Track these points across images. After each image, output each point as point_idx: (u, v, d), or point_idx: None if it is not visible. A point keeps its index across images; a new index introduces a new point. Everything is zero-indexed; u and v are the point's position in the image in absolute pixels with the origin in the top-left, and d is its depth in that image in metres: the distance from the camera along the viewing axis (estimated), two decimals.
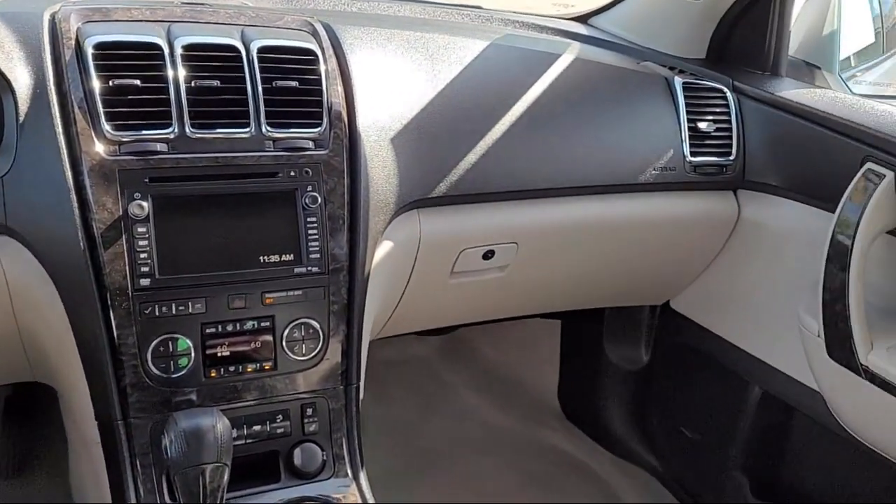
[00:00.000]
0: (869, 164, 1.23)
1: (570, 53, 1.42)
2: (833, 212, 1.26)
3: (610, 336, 1.89)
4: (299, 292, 1.10)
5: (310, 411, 1.13)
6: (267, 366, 1.10)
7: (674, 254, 1.59)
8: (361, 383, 1.18)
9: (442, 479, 1.86)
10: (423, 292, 1.37)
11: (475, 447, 1.98)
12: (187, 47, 1.05)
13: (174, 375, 1.04)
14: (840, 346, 1.24)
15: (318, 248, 1.10)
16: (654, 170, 1.40)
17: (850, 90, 1.63)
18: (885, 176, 1.20)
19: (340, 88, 1.14)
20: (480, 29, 1.50)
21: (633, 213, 1.45)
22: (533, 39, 1.51)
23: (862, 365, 1.21)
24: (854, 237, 1.21)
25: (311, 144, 1.10)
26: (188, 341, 1.04)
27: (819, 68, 1.63)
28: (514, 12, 1.65)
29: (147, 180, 1.01)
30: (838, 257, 1.23)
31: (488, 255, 1.36)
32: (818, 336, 1.28)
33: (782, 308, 1.45)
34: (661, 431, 1.86)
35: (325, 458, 1.13)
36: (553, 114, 1.34)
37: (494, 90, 1.31)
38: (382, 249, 1.20)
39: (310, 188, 1.09)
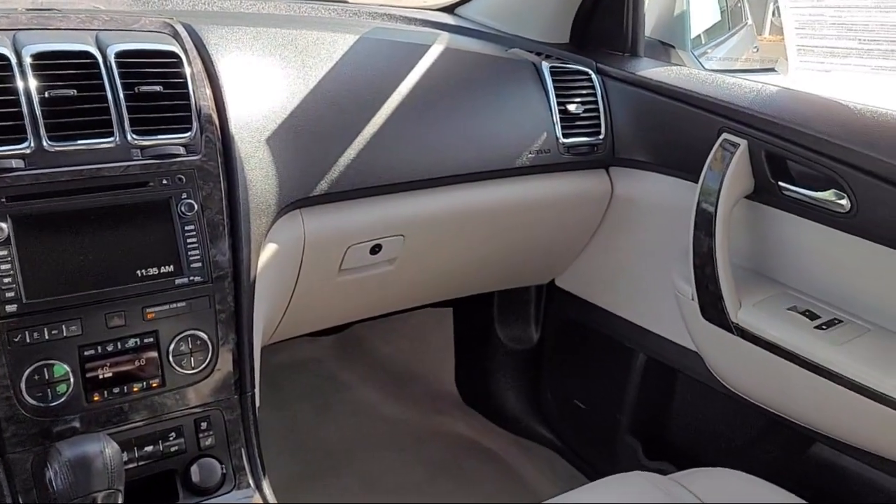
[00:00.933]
0: (725, 135, 1.31)
1: (439, 44, 1.43)
2: (696, 182, 1.33)
3: (500, 318, 1.93)
4: (183, 304, 1.06)
5: (204, 425, 1.10)
6: (154, 383, 1.05)
7: (555, 233, 1.64)
8: (257, 391, 1.15)
9: (347, 478, 1.85)
10: (313, 292, 1.35)
11: (377, 443, 1.97)
12: (37, 56, 0.99)
13: (53, 404, 0.98)
14: (712, 306, 1.32)
15: (199, 257, 1.06)
16: (530, 153, 1.44)
17: (703, 66, 1.72)
18: (739, 145, 1.28)
19: (208, 91, 1.10)
20: (349, 23, 1.49)
21: (514, 197, 1.48)
22: (402, 31, 1.51)
23: (733, 322, 1.29)
24: (717, 204, 1.28)
25: (181, 150, 1.06)
26: (65, 366, 0.99)
27: (673, 47, 1.72)
28: (381, 5, 1.65)
29: (4, 200, 0.94)
30: (704, 224, 1.30)
31: (376, 250, 1.36)
32: (692, 299, 1.36)
33: (658, 276, 1.52)
34: (555, 406, 1.92)
35: (224, 471, 1.09)
36: (427, 104, 1.35)
37: (366, 84, 1.31)
38: (267, 253, 1.17)
39: (185, 196, 1.05)
